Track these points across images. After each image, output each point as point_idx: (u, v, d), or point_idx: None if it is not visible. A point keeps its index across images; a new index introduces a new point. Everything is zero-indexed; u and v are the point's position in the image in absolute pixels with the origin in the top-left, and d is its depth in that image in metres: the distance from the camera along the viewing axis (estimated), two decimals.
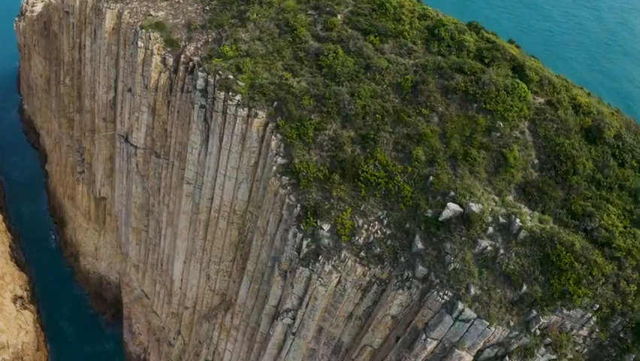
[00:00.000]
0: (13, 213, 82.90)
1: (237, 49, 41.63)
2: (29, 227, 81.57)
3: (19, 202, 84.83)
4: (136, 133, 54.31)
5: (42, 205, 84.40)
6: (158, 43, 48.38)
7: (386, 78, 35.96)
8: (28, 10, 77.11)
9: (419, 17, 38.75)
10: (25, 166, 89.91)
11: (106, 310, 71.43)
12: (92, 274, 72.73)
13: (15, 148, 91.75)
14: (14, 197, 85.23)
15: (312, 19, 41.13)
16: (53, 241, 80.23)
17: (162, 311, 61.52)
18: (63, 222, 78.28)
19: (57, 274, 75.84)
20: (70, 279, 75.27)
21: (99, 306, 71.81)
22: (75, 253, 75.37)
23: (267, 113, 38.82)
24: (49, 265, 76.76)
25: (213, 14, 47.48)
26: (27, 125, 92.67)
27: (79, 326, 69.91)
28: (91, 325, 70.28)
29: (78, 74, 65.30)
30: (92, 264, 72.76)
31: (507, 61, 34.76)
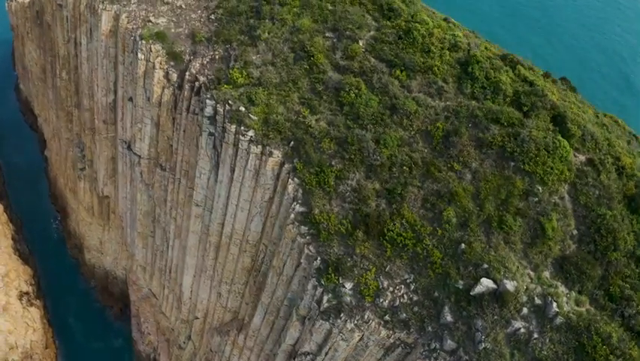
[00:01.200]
0: (13, 200, 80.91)
1: (248, 75, 38.29)
2: (31, 215, 79.83)
3: (20, 188, 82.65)
4: (139, 143, 51.57)
5: (43, 191, 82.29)
6: (160, 56, 44.73)
7: (414, 123, 33.13)
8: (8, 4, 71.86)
9: (450, 48, 35.25)
10: (24, 149, 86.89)
11: (113, 305, 70.97)
12: (98, 268, 71.76)
13: (12, 129, 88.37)
14: (14, 182, 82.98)
15: (330, 44, 37.56)
16: (56, 231, 78.75)
17: (171, 315, 60.90)
18: (65, 213, 76.53)
19: (62, 266, 74.92)
20: (76, 272, 74.40)
21: (106, 300, 71.32)
22: (79, 245, 74.10)
23: (283, 153, 36.18)
24: (54, 256, 75.69)
25: (219, 25, 43.58)
26: (24, 105, 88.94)
27: (86, 322, 69.71)
28: (98, 320, 70.08)
29: (75, 69, 61.45)
30: (97, 258, 71.64)
31: (547, 110, 31.85)
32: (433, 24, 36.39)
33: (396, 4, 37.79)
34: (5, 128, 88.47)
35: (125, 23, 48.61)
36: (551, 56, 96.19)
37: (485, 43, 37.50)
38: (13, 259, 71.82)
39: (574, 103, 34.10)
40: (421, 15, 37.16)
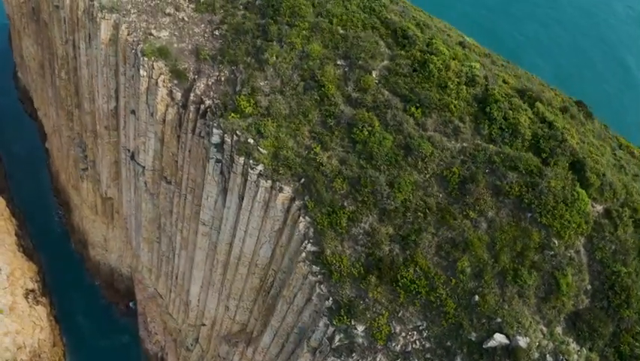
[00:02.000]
0: (15, 192, 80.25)
1: (256, 103, 37.14)
2: (33, 208, 79.30)
3: (21, 180, 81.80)
4: (143, 155, 50.65)
5: (45, 183, 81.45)
6: (163, 74, 43.31)
7: (429, 166, 32.38)
8: None
9: (467, 83, 34.00)
10: (24, 138, 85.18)
11: (119, 302, 71.46)
12: (103, 265, 71.91)
13: (11, 118, 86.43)
14: (15, 173, 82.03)
15: (341, 73, 36.24)
16: (59, 225, 78.48)
17: (178, 317, 61.39)
18: (68, 207, 76.10)
19: (67, 261, 74.96)
20: (81, 267, 74.54)
21: (112, 297, 71.79)
22: (83, 240, 74.00)
23: (294, 188, 35.52)
24: (58, 251, 75.62)
25: (224, 43, 41.99)
26: (23, 93, 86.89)
27: (93, 318, 70.33)
28: (105, 316, 70.71)
29: (74, 70, 59.66)
30: (101, 255, 71.69)
31: (566, 156, 31.06)
32: (449, 53, 35.02)
33: (410, 30, 36.29)
34: (4, 116, 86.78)
35: (125, 35, 46.91)
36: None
37: (503, 72, 36.23)
38: (17, 257, 71.82)
39: (592, 143, 33.24)
40: (437, 43, 35.72)
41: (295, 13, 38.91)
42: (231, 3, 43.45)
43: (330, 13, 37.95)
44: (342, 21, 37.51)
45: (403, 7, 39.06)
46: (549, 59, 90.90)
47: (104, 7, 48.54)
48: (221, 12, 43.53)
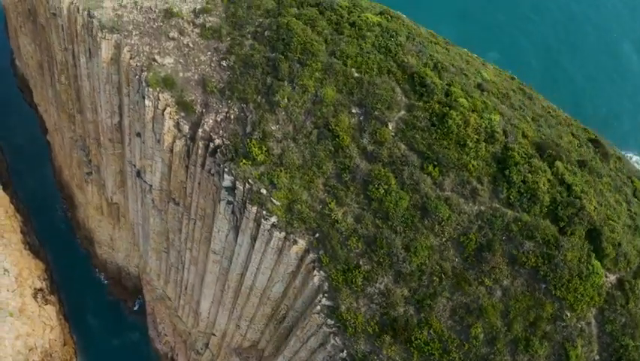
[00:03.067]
0: (18, 187, 79.57)
1: (268, 151, 36.32)
2: (37, 202, 78.72)
3: (24, 172, 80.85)
4: (149, 175, 50.11)
5: (48, 175, 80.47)
6: (169, 106, 42.14)
7: (446, 230, 32.17)
8: None
9: (486, 139, 33.19)
10: (24, 128, 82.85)
11: (127, 299, 72.37)
12: (110, 263, 72.38)
13: (11, 107, 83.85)
14: (17, 166, 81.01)
15: (356, 122, 35.24)
16: (64, 220, 78.30)
17: (188, 321, 62.41)
18: (73, 204, 75.72)
19: (73, 257, 75.15)
20: (87, 263, 74.92)
21: (119, 294, 72.62)
22: (89, 237, 74.10)
23: (308, 241, 35.37)
24: (64, 247, 75.67)
25: (232, 76, 40.56)
26: (21, 81, 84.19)
27: (102, 315, 71.34)
28: (114, 313, 71.69)
29: (75, 77, 57.92)
30: (108, 253, 72.03)
31: (583, 225, 30.82)
32: (468, 104, 34.01)
33: (428, 78, 35.02)
34: (3, 106, 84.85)
35: (128, 58, 45.28)
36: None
37: (522, 121, 35.28)
38: (24, 255, 72.13)
39: (608, 205, 32.90)
40: (456, 91, 34.59)
41: (307, 50, 37.47)
42: (238, 30, 41.77)
43: (344, 54, 36.52)
44: (357, 63, 36.16)
45: (419, 45, 37.55)
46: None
47: (104, 27, 46.70)
48: (227, 39, 41.92)
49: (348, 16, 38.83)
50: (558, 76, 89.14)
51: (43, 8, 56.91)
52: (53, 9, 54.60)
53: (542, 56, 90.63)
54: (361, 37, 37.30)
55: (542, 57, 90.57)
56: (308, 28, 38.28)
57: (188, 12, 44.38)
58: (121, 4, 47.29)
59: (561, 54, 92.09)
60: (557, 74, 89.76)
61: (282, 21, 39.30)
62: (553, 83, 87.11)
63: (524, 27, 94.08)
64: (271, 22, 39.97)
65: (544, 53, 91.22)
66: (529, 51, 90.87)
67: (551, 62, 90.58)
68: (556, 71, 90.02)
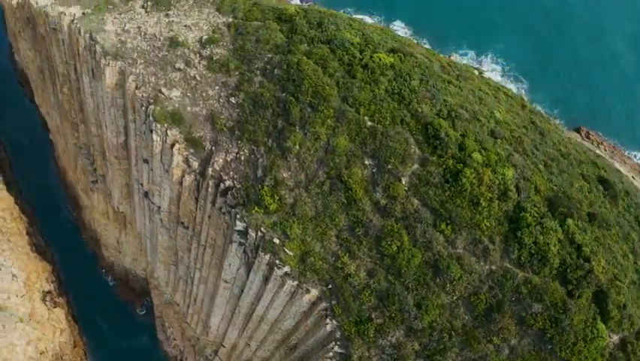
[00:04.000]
0: (22, 185, 79.36)
1: (281, 200, 36.21)
2: (42, 201, 78.49)
3: (26, 170, 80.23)
4: (158, 199, 50.08)
5: (52, 173, 79.89)
6: (178, 142, 41.70)
7: (457, 289, 32.63)
8: None
9: (499, 197, 33.12)
10: (26, 124, 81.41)
11: (135, 300, 73.27)
12: (117, 266, 72.97)
13: (11, 103, 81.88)
14: (20, 164, 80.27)
15: (369, 174, 34.96)
16: (69, 220, 78.28)
17: (197, 329, 63.44)
18: (78, 204, 75.68)
19: (80, 258, 75.39)
20: (94, 263, 75.50)
21: (127, 295, 73.43)
22: (95, 239, 74.45)
23: (320, 290, 35.78)
24: (71, 247, 75.86)
25: (242, 114, 39.85)
26: (21, 76, 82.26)
27: (111, 316, 72.07)
28: (122, 315, 72.55)
29: (77, 91, 56.91)
30: (115, 256, 72.53)
31: (591, 288, 31.29)
32: (482, 158, 33.78)
33: (442, 130, 34.53)
34: (3, 102, 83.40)
35: (133, 87, 44.43)
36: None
37: (535, 173, 35.07)
38: (31, 258, 72.58)
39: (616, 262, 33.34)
40: (470, 144, 34.25)
41: (318, 94, 36.81)
42: (247, 65, 40.84)
43: (357, 101, 35.92)
44: (370, 111, 35.62)
45: (433, 88, 36.89)
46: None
47: (107, 53, 45.67)
48: (236, 74, 41.04)
49: (360, 56, 37.94)
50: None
51: (42, 20, 55.41)
52: (53, 24, 53.21)
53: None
54: (374, 81, 36.58)
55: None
56: (319, 70, 37.49)
57: (194, 41, 43.30)
58: (124, 28, 46.13)
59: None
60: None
61: (292, 60, 38.41)
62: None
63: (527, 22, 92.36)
64: (281, 60, 39.09)
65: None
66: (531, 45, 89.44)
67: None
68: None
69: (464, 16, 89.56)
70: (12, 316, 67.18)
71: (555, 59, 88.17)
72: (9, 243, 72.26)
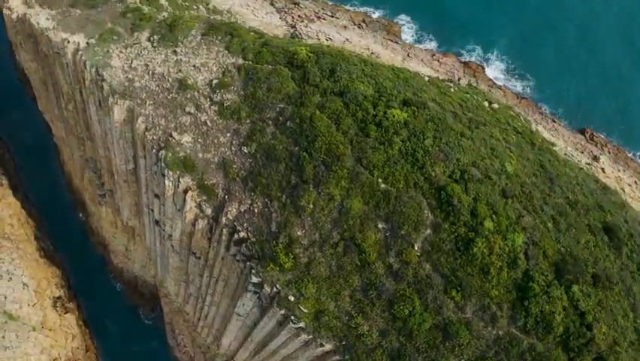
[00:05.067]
0: (28, 188, 79.22)
1: (295, 258, 36.89)
2: (48, 204, 78.60)
3: (32, 172, 79.54)
4: (169, 228, 50.57)
5: (57, 175, 79.64)
6: (191, 190, 41.89)
7: (465, 353, 34.07)
8: (4, 7, 60.81)
9: (509, 264, 33.92)
10: (29, 125, 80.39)
11: (144, 304, 74.63)
12: (126, 272, 74.00)
13: (14, 102, 79.86)
14: (25, 166, 79.55)
15: (382, 237, 35.56)
16: (77, 223, 78.60)
17: (207, 340, 65.00)
18: (85, 210, 76.12)
19: (88, 261, 75.90)
20: (103, 267, 76.42)
21: (136, 299, 74.67)
22: (103, 244, 75.20)
23: (334, 345, 36.93)
24: (79, 251, 76.15)
25: (254, 165, 39.83)
26: (22, 75, 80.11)
27: (121, 321, 72.87)
28: (132, 319, 73.70)
29: (83, 111, 56.32)
30: (124, 263, 73.47)
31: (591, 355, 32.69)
32: (493, 225, 34.45)
33: (455, 196, 34.96)
34: (5, 101, 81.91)
35: (143, 129, 44.18)
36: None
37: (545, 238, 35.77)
38: (40, 264, 73.43)
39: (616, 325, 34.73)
40: (482, 210, 34.85)
41: (332, 152, 36.91)
42: (258, 114, 40.57)
43: (371, 163, 36.08)
44: (384, 173, 35.88)
45: (446, 146, 36.96)
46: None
47: (115, 92, 45.19)
48: (247, 122, 40.82)
49: (374, 111, 37.78)
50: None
51: (44, 40, 54.26)
52: (57, 49, 52.29)
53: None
54: (388, 141, 36.63)
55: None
56: (333, 126, 37.44)
57: (203, 84, 42.78)
58: (130, 65, 45.43)
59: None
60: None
61: (305, 114, 38.24)
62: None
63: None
64: (293, 113, 38.90)
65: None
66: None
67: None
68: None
69: (470, 11, 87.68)
70: (25, 325, 68.69)
71: (561, 56, 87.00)
72: (18, 250, 73.09)
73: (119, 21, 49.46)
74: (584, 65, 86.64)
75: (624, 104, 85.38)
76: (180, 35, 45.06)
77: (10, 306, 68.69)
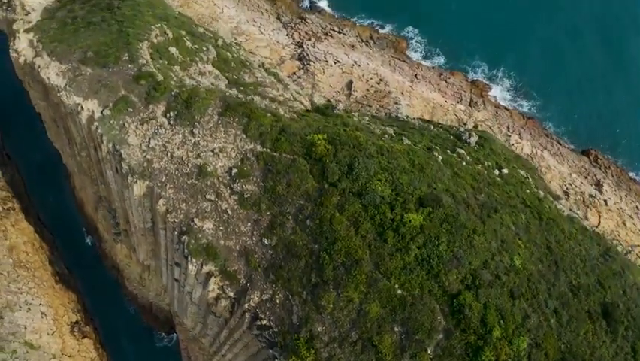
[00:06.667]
0: (40, 208, 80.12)
1: (317, 353, 39.17)
2: (61, 226, 79.82)
3: (42, 191, 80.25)
4: (189, 288, 52.36)
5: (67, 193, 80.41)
6: (214, 275, 43.50)
7: None
8: (10, 48, 59.83)
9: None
10: (36, 142, 79.06)
11: (159, 328, 77.17)
12: (140, 297, 76.06)
13: (19, 118, 78.18)
14: (35, 185, 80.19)
15: (398, 340, 37.77)
16: (89, 245, 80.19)
17: None
18: (98, 235, 77.47)
19: (102, 282, 77.46)
20: (117, 290, 78.16)
21: (151, 322, 77.01)
22: (117, 269, 76.88)
23: None
24: (93, 272, 77.73)
25: (275, 258, 41.41)
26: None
27: (136, 343, 75.49)
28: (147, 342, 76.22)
29: (97, 162, 56.87)
30: (138, 289, 75.42)
31: None
32: (500, 332, 36.74)
33: (466, 305, 37.07)
34: (11, 117, 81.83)
35: (164, 210, 45.28)
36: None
37: (548, 338, 38.01)
38: (56, 290, 75.22)
39: None
40: (490, 318, 36.98)
41: (351, 256, 38.58)
42: (278, 207, 41.75)
43: (389, 270, 37.86)
44: (401, 280, 37.73)
45: (459, 251, 38.68)
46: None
47: (134, 172, 46.00)
48: (267, 214, 42.06)
49: (391, 215, 39.19)
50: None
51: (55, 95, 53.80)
52: (69, 109, 52.39)
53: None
54: (405, 248, 38.31)
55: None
56: (352, 230, 38.93)
57: (223, 172, 43.66)
58: (148, 145, 46.00)
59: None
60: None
61: (324, 215, 39.62)
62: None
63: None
64: (313, 212, 40.23)
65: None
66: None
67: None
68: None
69: (477, 26, 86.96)
70: (45, 354, 71.66)
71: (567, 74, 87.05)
72: (34, 278, 75.26)
73: (133, 87, 49.54)
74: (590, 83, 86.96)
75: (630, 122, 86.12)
76: (197, 114, 45.50)
77: (30, 336, 71.41)
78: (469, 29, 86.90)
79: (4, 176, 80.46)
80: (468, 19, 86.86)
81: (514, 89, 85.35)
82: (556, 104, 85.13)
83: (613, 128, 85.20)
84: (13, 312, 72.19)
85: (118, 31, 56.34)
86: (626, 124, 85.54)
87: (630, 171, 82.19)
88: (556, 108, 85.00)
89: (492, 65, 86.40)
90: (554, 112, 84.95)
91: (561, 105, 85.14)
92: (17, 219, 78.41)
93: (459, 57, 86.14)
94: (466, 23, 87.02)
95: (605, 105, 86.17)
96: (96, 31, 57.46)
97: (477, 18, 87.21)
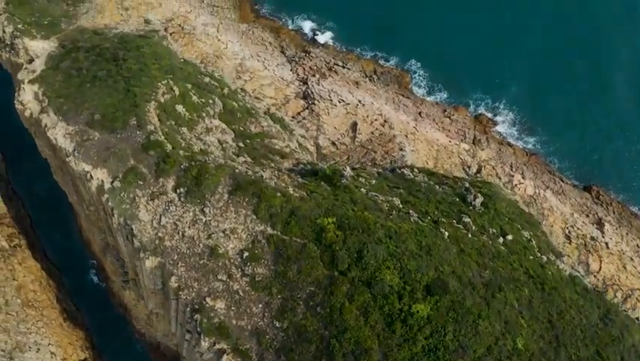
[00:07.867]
0: (46, 244, 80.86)
1: None
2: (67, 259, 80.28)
3: (49, 228, 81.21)
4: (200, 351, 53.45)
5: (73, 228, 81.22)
6: (226, 354, 44.55)
7: None
8: (16, 99, 59.83)
9: None
10: (40, 175, 79.02)
11: None
12: (148, 336, 77.16)
13: (23, 151, 78.37)
14: (42, 222, 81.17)
15: None
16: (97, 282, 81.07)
17: None
18: (106, 274, 78.32)
19: (110, 318, 78.78)
20: (124, 327, 79.26)
21: (159, 360, 78.33)
22: (124, 307, 77.90)
23: None
24: (99, 309, 78.69)
25: (287, 341, 42.56)
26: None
27: None
28: None
29: (106, 219, 57.52)
30: (146, 329, 76.56)
31: None
32: None
33: None
34: (14, 150, 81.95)
35: (176, 287, 46.25)
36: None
37: None
38: (64, 329, 76.15)
39: None
40: None
41: (360, 345, 39.71)
42: (289, 292, 42.76)
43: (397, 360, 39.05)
44: None
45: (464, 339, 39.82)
46: None
47: (146, 249, 46.76)
48: (279, 298, 43.05)
49: (399, 305, 40.22)
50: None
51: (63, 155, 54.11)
52: (78, 174, 52.85)
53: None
54: (412, 338, 39.41)
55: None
56: (361, 319, 40.00)
57: (234, 253, 44.55)
58: (159, 222, 46.73)
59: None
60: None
61: (334, 304, 40.67)
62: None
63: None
64: (323, 299, 41.24)
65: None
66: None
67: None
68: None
69: (479, 59, 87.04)
70: None
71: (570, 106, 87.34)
72: (43, 318, 76.31)
73: (142, 157, 50.05)
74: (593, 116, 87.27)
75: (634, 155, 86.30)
76: (207, 192, 46.22)
77: None
78: (471, 62, 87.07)
79: (10, 211, 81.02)
80: (469, 51, 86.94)
81: (518, 123, 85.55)
82: (560, 138, 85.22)
83: (616, 162, 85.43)
84: (23, 353, 73.37)
85: (125, 91, 56.60)
86: (630, 157, 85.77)
87: (632, 205, 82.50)
88: (559, 143, 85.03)
89: (494, 97, 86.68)
90: (557, 146, 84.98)
91: (564, 140, 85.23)
92: (24, 257, 79.14)
93: (462, 90, 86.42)
94: (467, 56, 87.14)
95: (609, 139, 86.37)
96: (102, 88, 57.57)
97: (478, 51, 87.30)
